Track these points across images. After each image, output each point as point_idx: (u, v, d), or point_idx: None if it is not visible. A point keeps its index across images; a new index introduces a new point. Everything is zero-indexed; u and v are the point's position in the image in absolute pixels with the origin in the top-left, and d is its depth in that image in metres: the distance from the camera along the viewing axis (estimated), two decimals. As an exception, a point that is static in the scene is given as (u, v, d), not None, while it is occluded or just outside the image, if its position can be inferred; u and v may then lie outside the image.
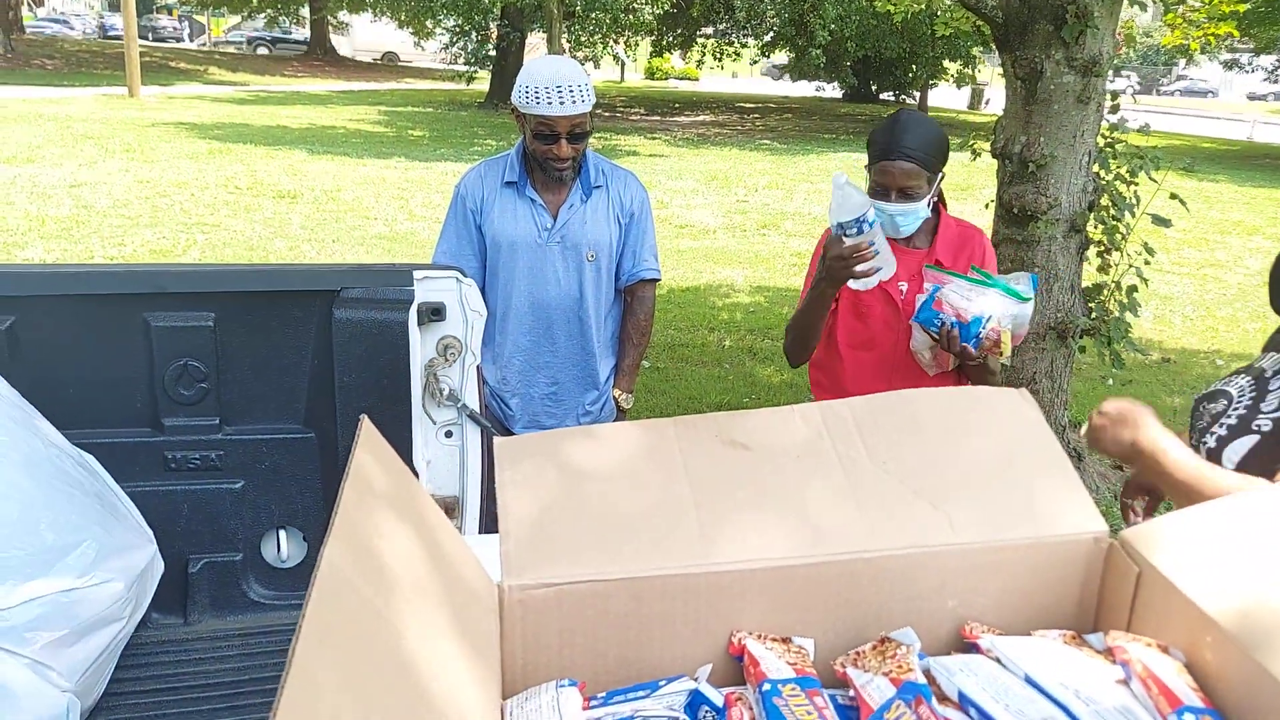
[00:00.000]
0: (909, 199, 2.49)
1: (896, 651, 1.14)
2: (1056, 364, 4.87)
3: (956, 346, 2.40)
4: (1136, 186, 4.84)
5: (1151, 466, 1.70)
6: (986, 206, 5.17)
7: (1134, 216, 4.80)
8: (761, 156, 19.00)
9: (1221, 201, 15.36)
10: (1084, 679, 1.05)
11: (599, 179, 3.10)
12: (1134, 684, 1.06)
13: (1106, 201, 4.79)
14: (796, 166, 17.64)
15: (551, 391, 3.20)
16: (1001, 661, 1.11)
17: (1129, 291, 4.85)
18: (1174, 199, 4.73)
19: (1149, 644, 1.10)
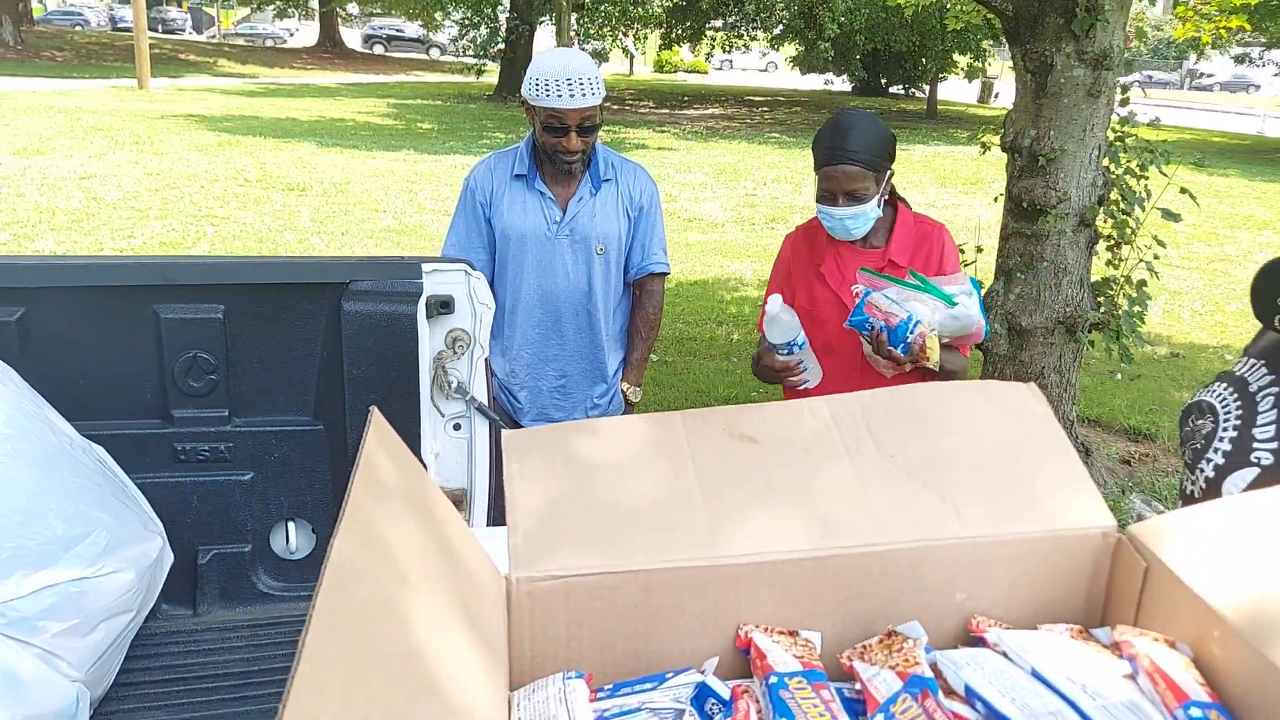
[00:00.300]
0: (857, 202, 2.50)
1: (903, 645, 1.14)
2: (1065, 358, 4.86)
3: (885, 350, 2.40)
4: (1146, 181, 4.82)
5: None
6: (995, 200, 5.15)
7: (1144, 211, 4.78)
8: (770, 150, 18.96)
9: (1232, 196, 15.32)
10: (1091, 673, 1.06)
11: (608, 172, 3.09)
12: (1141, 679, 1.06)
13: (1116, 196, 4.77)
14: (805, 160, 17.38)
15: (560, 384, 3.21)
16: (1008, 655, 1.11)
17: (1139, 286, 4.83)
18: (1184, 193, 4.71)
19: (1156, 639, 1.10)
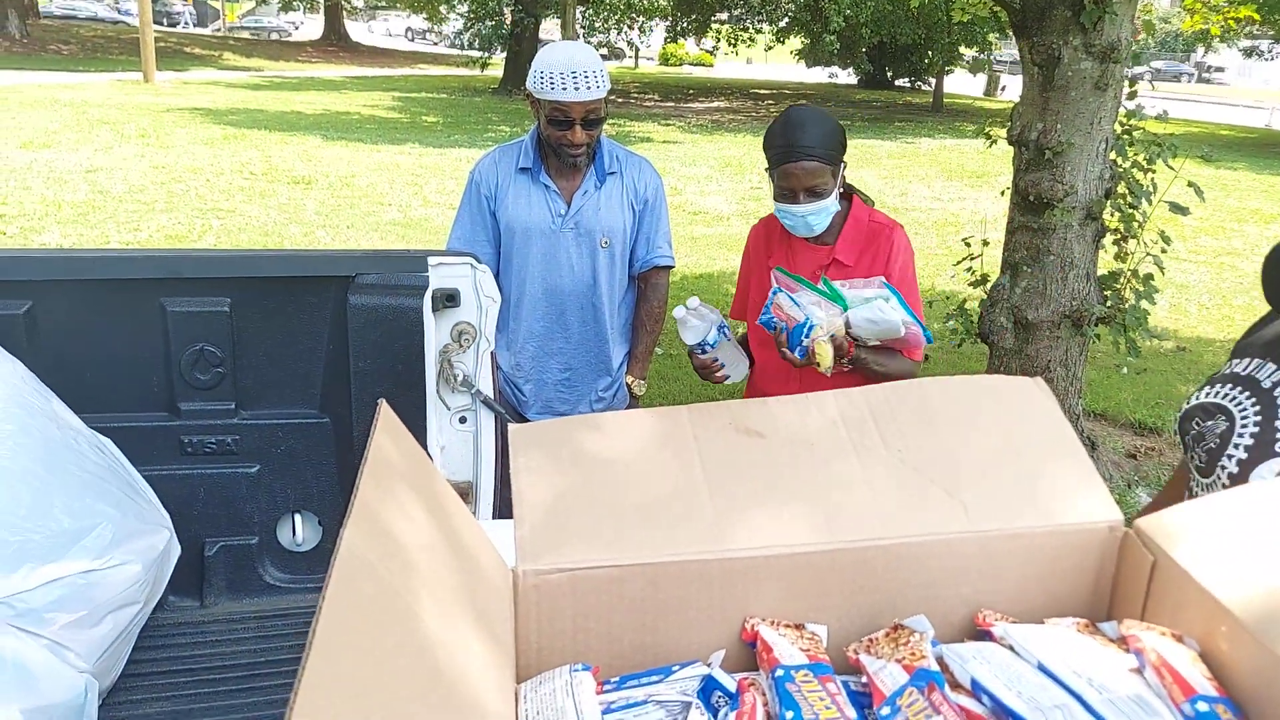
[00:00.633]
0: (817, 197, 2.48)
1: (910, 639, 1.14)
2: (1071, 352, 4.85)
3: (782, 351, 2.42)
4: (1154, 174, 4.80)
5: None
6: (1002, 194, 5.14)
7: (1151, 204, 4.77)
8: (776, 143, 18.90)
9: (1239, 189, 15.28)
10: (1097, 667, 1.06)
11: (613, 165, 3.09)
12: (1147, 673, 1.06)
13: (1123, 189, 4.76)
14: (811, 153, 17.52)
15: (565, 378, 3.21)
16: (1015, 649, 1.11)
17: (1145, 279, 4.81)
18: (1190, 187, 4.69)
19: (1163, 633, 1.10)
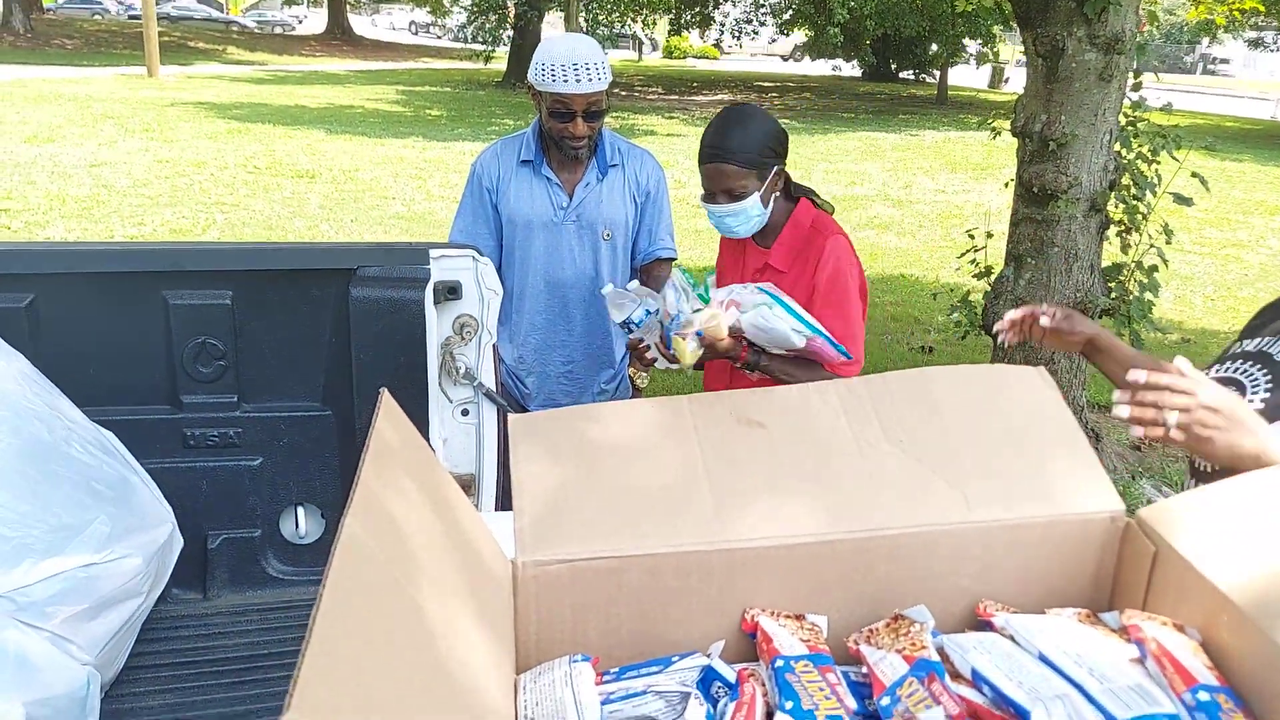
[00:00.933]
0: (735, 199, 2.48)
1: (910, 629, 1.14)
2: (1076, 344, 4.84)
3: (657, 346, 2.45)
4: (1158, 165, 4.79)
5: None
6: (1006, 185, 5.13)
7: (1155, 196, 4.76)
8: (778, 135, 18.88)
9: (1245, 181, 15.21)
10: (1098, 657, 1.05)
11: (615, 157, 3.08)
12: (1149, 662, 1.06)
13: (1127, 181, 4.74)
14: (815, 146, 17.52)
15: (567, 370, 3.21)
16: (1015, 639, 1.11)
17: (1150, 271, 4.80)
18: (1195, 178, 4.68)
19: (1164, 623, 1.10)
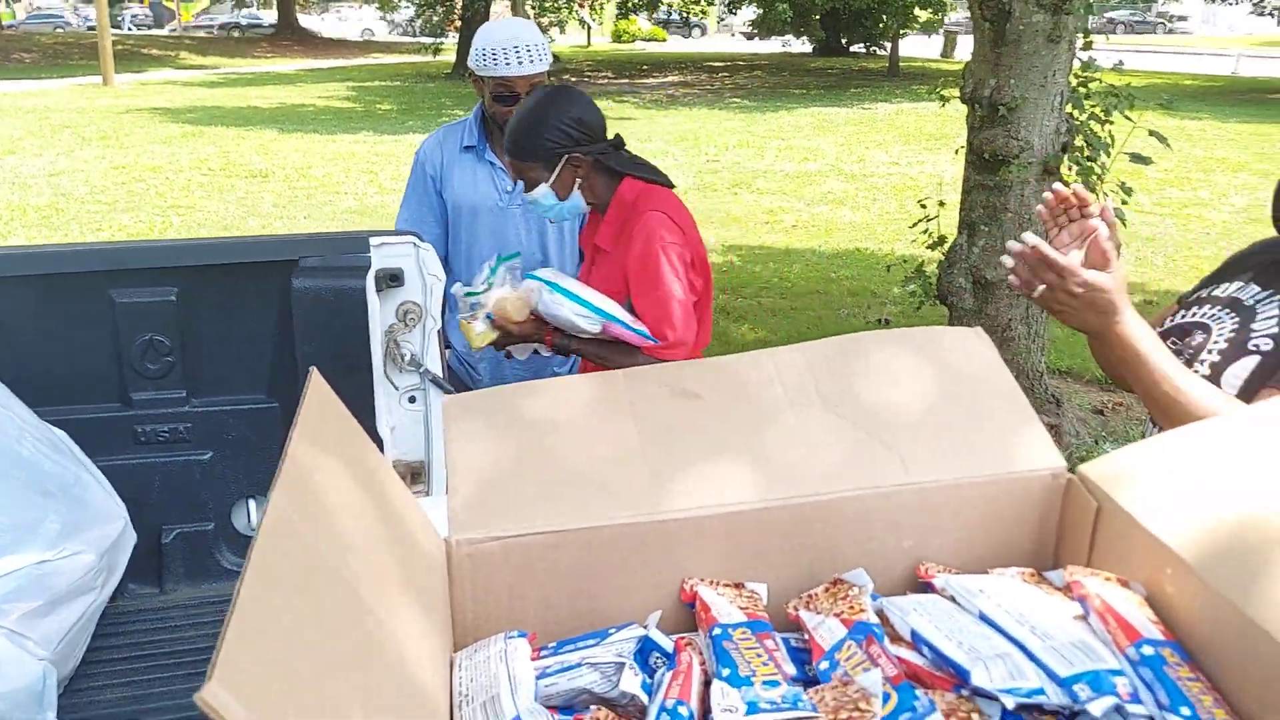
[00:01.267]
0: (531, 187, 2.50)
1: (849, 593, 1.12)
2: (1032, 310, 4.82)
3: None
4: (1111, 126, 4.78)
5: (1122, 358, 1.57)
6: (957, 153, 5.12)
7: (1109, 156, 4.75)
8: (731, 115, 18.86)
9: (1205, 139, 15.25)
10: (1040, 615, 1.04)
11: (559, 139, 3.05)
12: (1092, 618, 1.04)
13: (1081, 143, 4.74)
14: (767, 124, 17.54)
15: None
16: (956, 600, 1.10)
17: (1107, 233, 4.79)
18: (1153, 135, 4.67)
19: (1108, 579, 1.09)
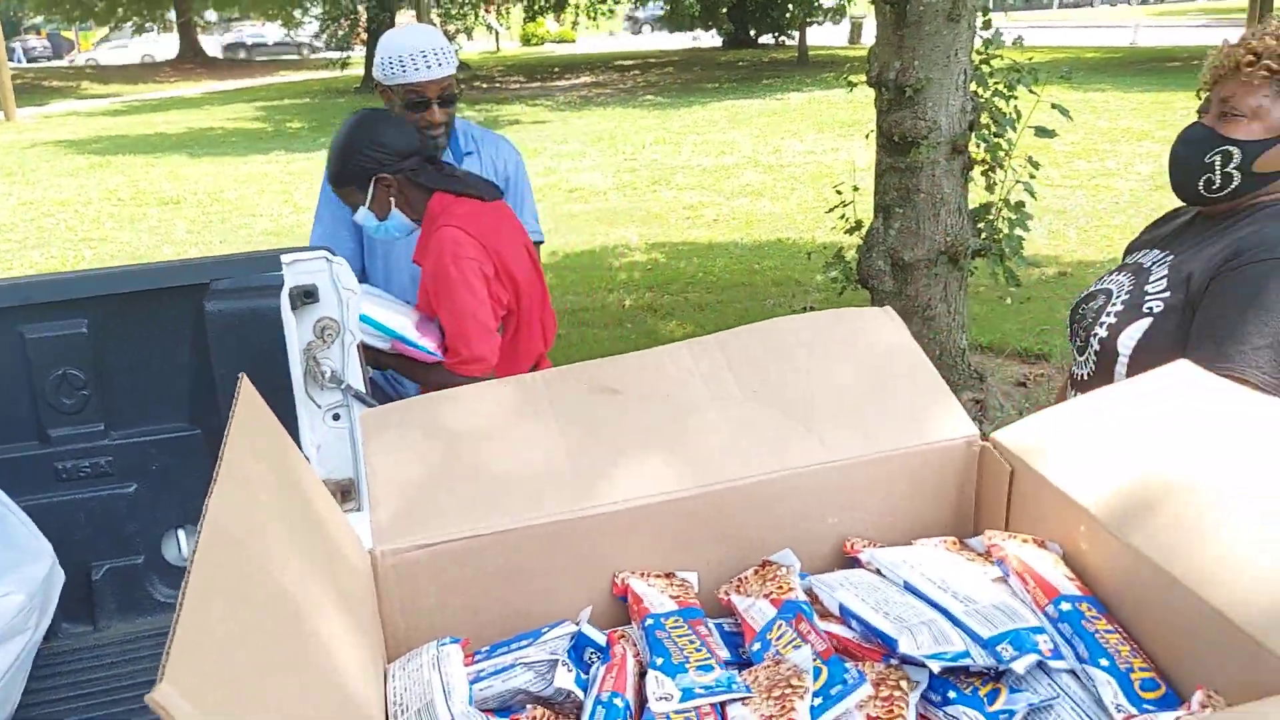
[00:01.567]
0: (354, 210, 2.62)
1: (777, 573, 1.14)
2: (951, 288, 4.89)
3: None
4: (1016, 101, 4.86)
5: None
6: (868, 137, 5.17)
7: (1015, 132, 4.84)
8: (646, 113, 18.89)
9: (1109, 110, 15.51)
10: (961, 580, 1.06)
11: (469, 145, 3.04)
12: (1011, 580, 1.07)
13: (987, 120, 4.81)
14: (682, 120, 17.59)
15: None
16: (881, 572, 1.12)
17: (1017, 208, 4.87)
18: (1055, 109, 4.75)
19: (1025, 540, 1.12)
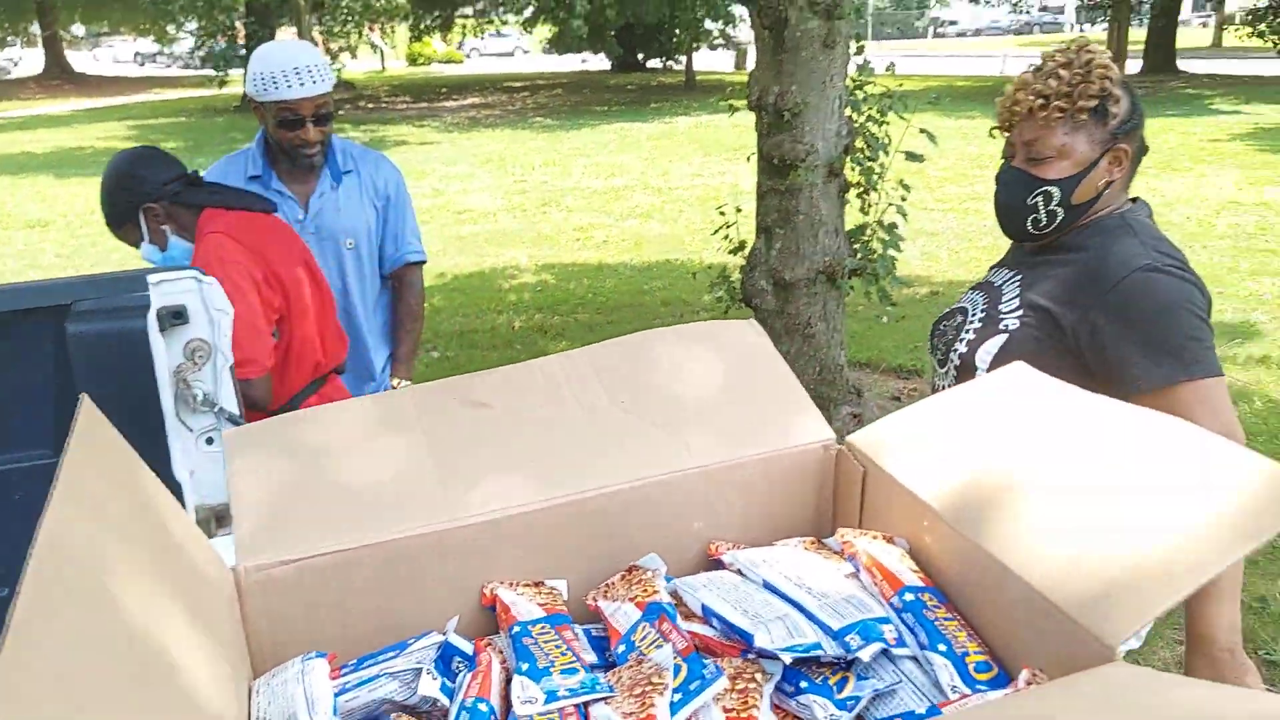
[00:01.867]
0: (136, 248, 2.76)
1: (643, 577, 1.17)
2: (829, 306, 5.03)
3: None
4: (887, 126, 5.03)
5: None
6: (748, 159, 5.28)
7: (888, 155, 5.00)
8: (535, 135, 18.94)
9: (978, 137, 15.97)
10: (816, 577, 1.11)
11: (348, 164, 3.01)
12: (862, 574, 1.12)
13: (861, 144, 4.97)
14: (571, 141, 17.68)
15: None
16: (743, 572, 1.16)
17: (890, 229, 5.04)
18: (923, 133, 4.93)
19: (875, 536, 1.17)
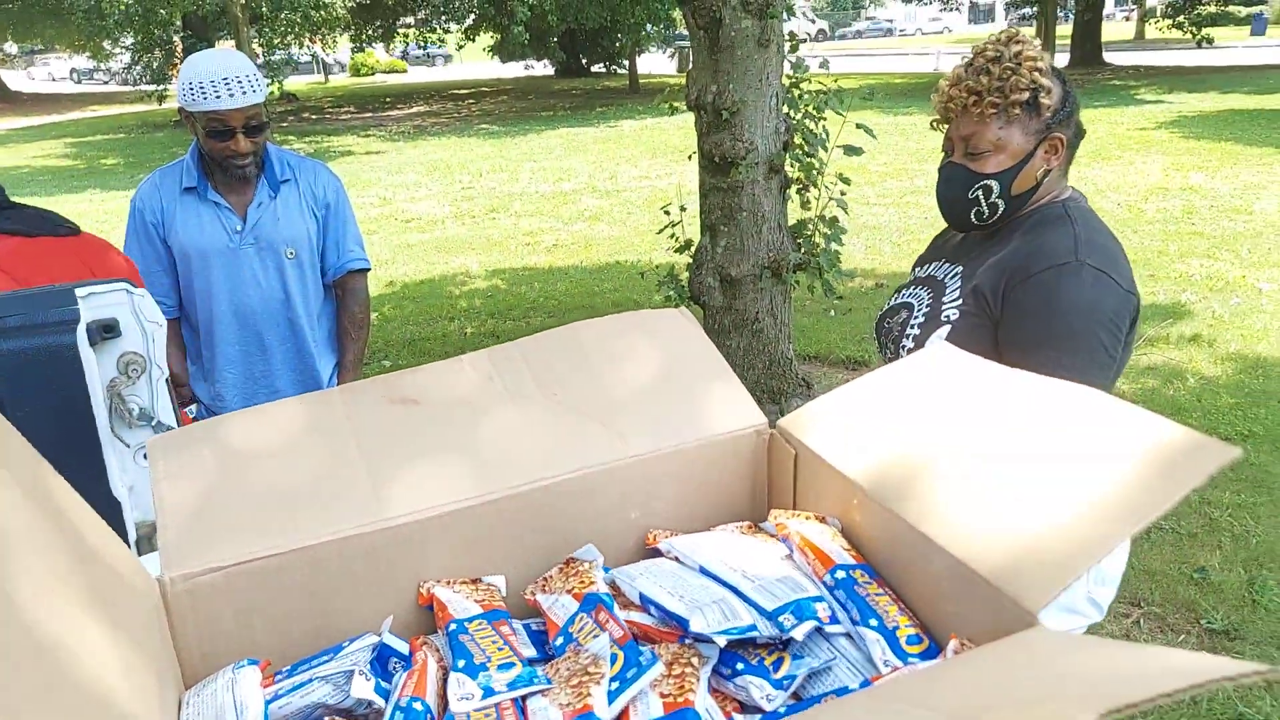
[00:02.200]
0: None
1: (580, 569, 1.16)
2: (776, 301, 5.07)
3: None
4: (824, 122, 5.08)
5: None
6: (690, 158, 5.31)
7: (826, 151, 5.05)
8: (481, 141, 18.90)
9: (917, 132, 16.26)
10: (751, 560, 1.11)
11: (285, 173, 2.98)
12: (795, 555, 1.13)
13: (799, 140, 5.01)
14: (518, 147, 17.66)
15: (273, 400, 3.08)
16: (679, 559, 1.16)
17: (831, 223, 5.09)
18: (860, 129, 4.98)
19: (807, 517, 1.18)
